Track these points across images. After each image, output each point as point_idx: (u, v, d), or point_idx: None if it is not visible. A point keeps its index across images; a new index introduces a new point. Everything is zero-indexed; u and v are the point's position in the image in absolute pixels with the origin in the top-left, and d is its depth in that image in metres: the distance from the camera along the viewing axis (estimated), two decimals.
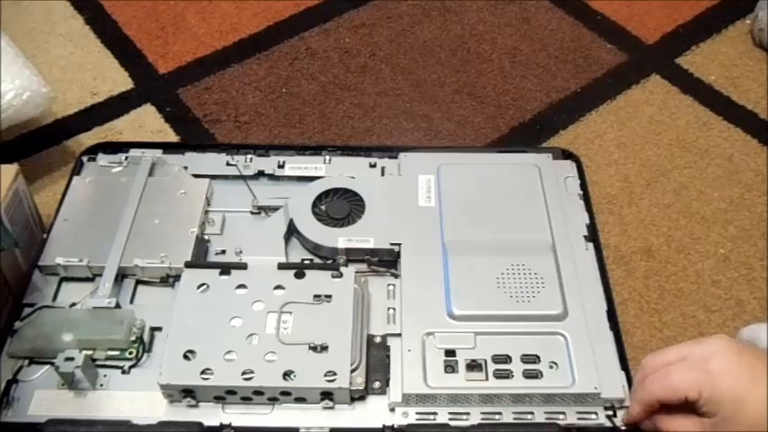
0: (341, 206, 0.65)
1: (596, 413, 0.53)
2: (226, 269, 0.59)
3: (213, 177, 0.67)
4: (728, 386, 0.46)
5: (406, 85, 0.84)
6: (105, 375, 0.55)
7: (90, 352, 0.54)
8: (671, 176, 0.75)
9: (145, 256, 0.60)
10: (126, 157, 0.68)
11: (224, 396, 0.53)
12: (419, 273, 0.59)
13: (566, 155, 0.70)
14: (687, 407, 0.48)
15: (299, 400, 0.53)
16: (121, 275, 0.60)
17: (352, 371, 0.53)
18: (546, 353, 0.55)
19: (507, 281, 0.59)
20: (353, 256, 0.62)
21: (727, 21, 0.91)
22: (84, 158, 0.69)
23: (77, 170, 0.67)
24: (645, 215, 0.72)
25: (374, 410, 0.54)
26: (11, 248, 0.60)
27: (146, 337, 0.56)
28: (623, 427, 0.53)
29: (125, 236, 0.61)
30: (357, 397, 0.54)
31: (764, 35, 0.86)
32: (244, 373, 0.53)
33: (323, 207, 0.65)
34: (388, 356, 0.56)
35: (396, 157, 0.69)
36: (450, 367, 0.54)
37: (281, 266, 0.59)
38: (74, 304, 0.58)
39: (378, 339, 0.57)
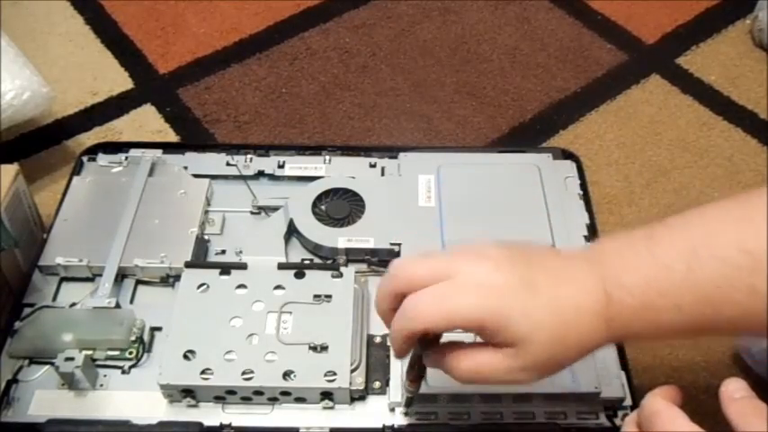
0: (341, 206, 0.65)
1: (596, 413, 0.53)
2: (226, 269, 0.59)
3: (213, 177, 0.67)
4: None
5: (406, 85, 0.84)
6: (105, 375, 0.55)
7: (90, 352, 0.54)
8: (671, 176, 0.75)
9: (145, 256, 0.60)
10: (126, 157, 0.68)
11: (224, 396, 0.53)
12: None
13: (566, 155, 0.70)
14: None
15: (299, 400, 0.53)
16: (121, 275, 0.60)
17: (352, 371, 0.53)
18: None
19: None
20: (353, 256, 0.62)
21: (727, 21, 0.91)
22: (85, 158, 0.68)
23: (77, 170, 0.67)
24: (645, 215, 0.72)
25: (374, 410, 0.54)
26: (11, 248, 0.60)
27: (146, 337, 0.56)
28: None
29: (125, 236, 0.61)
30: (357, 397, 0.54)
31: (764, 35, 0.86)
32: (244, 373, 0.53)
33: (323, 207, 0.65)
34: (388, 356, 0.55)
35: (396, 157, 0.69)
36: None
37: (281, 266, 0.59)
38: (74, 304, 0.58)
39: (378, 339, 0.57)
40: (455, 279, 0.40)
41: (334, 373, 0.53)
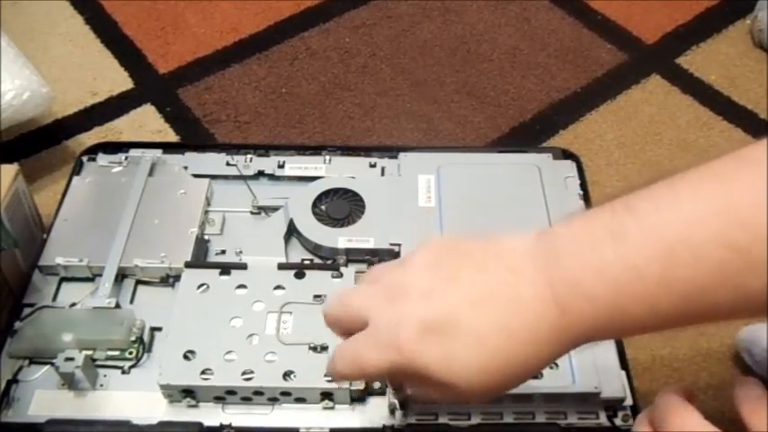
0: (341, 206, 0.65)
1: (597, 413, 0.53)
2: (226, 269, 0.59)
3: (213, 177, 0.67)
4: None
5: (406, 85, 0.84)
6: (105, 375, 0.55)
7: (90, 352, 0.54)
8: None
9: (145, 256, 0.60)
10: (126, 157, 0.68)
11: (224, 396, 0.53)
12: None
13: (566, 155, 0.70)
14: None
15: (299, 400, 0.53)
16: (121, 275, 0.60)
17: None
18: None
19: None
20: (353, 256, 0.62)
21: (727, 21, 0.91)
22: (84, 158, 0.68)
23: (77, 170, 0.67)
24: None
25: (374, 410, 0.54)
26: (11, 248, 0.60)
27: (146, 337, 0.56)
28: (624, 428, 0.53)
29: (125, 236, 0.61)
30: (357, 397, 0.54)
31: (764, 35, 0.86)
32: (244, 374, 0.53)
33: (323, 207, 0.65)
34: None
35: (396, 157, 0.69)
36: None
37: (281, 266, 0.59)
38: (74, 304, 0.58)
39: None
40: (366, 330, 0.39)
41: None
